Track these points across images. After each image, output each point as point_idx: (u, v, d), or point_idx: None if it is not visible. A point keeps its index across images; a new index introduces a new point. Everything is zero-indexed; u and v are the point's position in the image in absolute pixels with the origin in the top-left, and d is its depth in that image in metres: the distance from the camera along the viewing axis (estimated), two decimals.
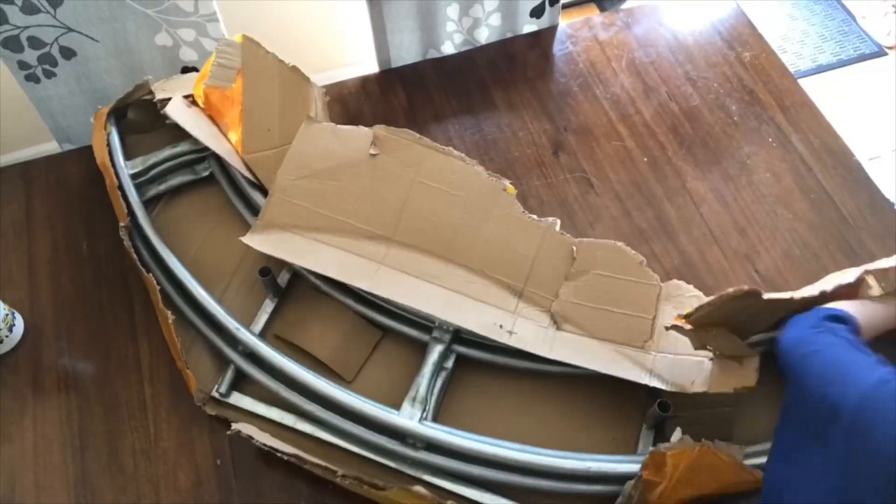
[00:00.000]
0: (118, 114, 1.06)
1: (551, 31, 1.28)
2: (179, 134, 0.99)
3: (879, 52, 2.13)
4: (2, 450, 0.89)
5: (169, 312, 0.89)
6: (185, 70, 1.14)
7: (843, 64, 2.11)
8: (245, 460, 0.87)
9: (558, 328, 0.87)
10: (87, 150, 1.09)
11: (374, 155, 0.95)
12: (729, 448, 0.75)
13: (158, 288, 0.90)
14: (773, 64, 1.21)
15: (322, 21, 1.71)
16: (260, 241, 0.92)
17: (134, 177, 1.01)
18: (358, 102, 1.19)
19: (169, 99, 1.00)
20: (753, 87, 1.18)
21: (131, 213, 0.97)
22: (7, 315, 0.93)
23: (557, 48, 1.25)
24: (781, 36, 2.18)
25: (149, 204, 1.02)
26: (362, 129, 0.96)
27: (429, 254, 0.91)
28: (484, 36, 1.25)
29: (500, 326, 0.86)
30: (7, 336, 0.93)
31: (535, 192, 1.08)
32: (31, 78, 1.07)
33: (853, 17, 2.21)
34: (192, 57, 1.12)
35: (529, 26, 1.27)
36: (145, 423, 0.90)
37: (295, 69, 1.03)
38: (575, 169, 1.11)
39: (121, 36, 1.06)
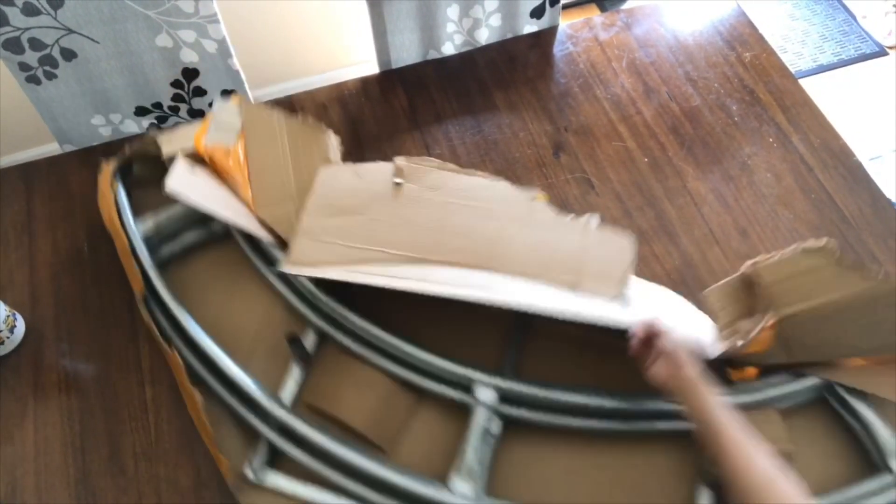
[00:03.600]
0: (123, 169, 1.01)
1: (552, 31, 1.28)
2: None
3: (880, 52, 2.13)
4: (3, 451, 0.89)
5: (197, 392, 0.83)
6: (186, 71, 1.14)
7: (843, 64, 2.11)
8: None
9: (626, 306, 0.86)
10: (88, 152, 1.09)
11: (399, 184, 0.93)
12: None
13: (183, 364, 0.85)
14: (774, 64, 1.21)
15: (322, 22, 1.71)
16: (298, 269, 0.87)
17: (146, 239, 0.95)
18: (358, 103, 1.19)
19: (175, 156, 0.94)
20: (754, 87, 1.18)
21: (146, 279, 0.91)
22: (8, 316, 0.93)
23: (558, 49, 1.25)
24: (782, 36, 2.18)
25: (161, 265, 0.96)
26: (382, 164, 0.94)
27: (473, 267, 0.88)
28: (484, 37, 1.25)
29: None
30: (8, 337, 0.93)
31: None
32: (32, 79, 1.07)
33: (854, 17, 2.21)
34: (192, 58, 1.12)
35: (530, 27, 1.27)
36: (146, 424, 0.90)
37: (304, 120, 1.02)
38: (575, 169, 1.11)
39: (121, 37, 1.06)
